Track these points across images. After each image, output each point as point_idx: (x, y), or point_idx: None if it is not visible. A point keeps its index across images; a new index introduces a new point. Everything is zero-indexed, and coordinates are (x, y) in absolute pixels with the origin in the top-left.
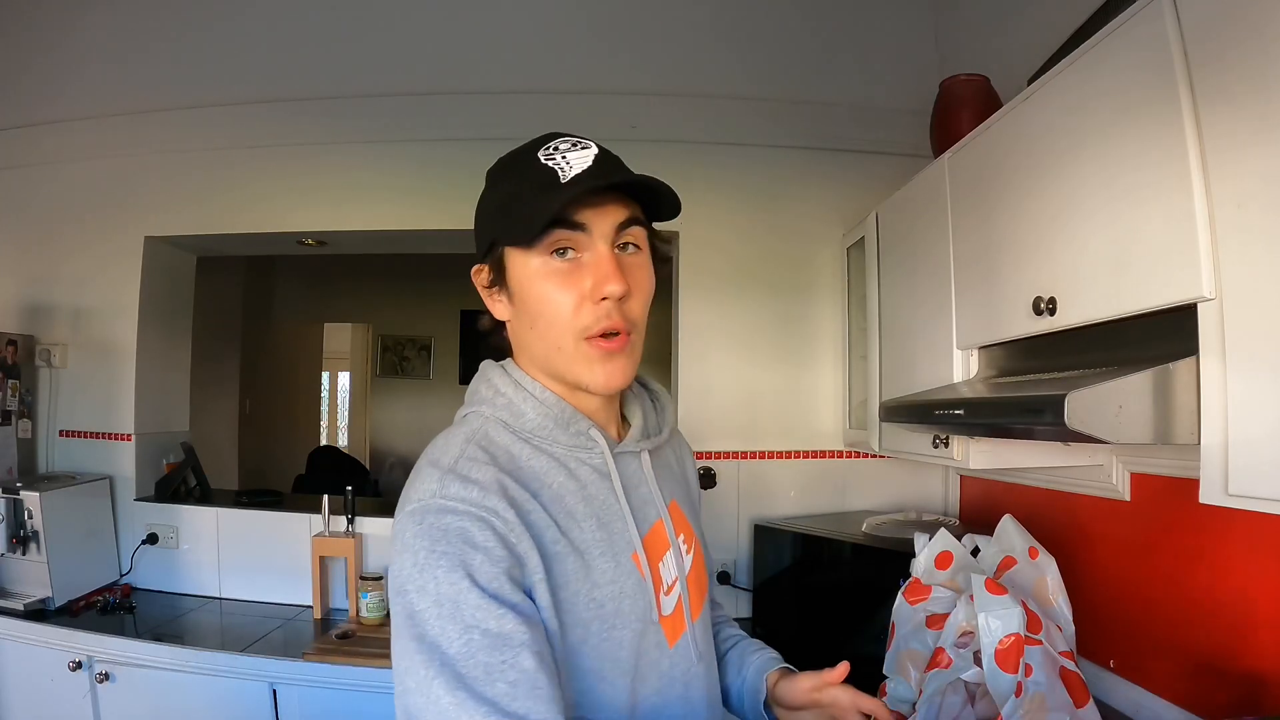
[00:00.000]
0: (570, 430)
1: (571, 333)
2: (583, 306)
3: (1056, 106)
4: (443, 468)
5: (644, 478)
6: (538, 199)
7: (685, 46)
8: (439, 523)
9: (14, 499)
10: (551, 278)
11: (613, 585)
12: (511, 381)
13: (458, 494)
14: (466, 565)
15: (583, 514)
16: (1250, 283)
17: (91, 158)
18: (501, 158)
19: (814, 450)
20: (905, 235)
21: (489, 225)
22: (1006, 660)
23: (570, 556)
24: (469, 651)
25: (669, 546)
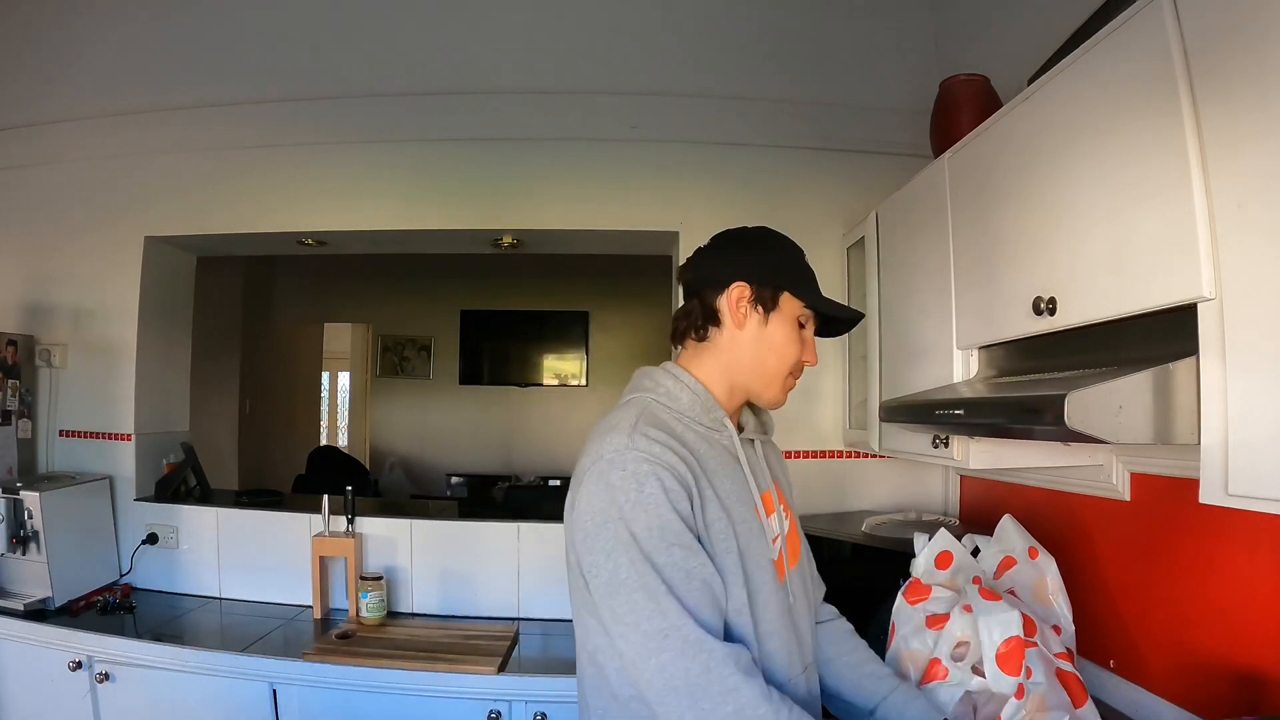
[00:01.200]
0: (710, 416)
1: (784, 372)
2: (796, 362)
3: (1056, 107)
4: (626, 430)
5: (757, 459)
6: (820, 292)
7: (685, 46)
8: (638, 469)
9: (14, 499)
10: (794, 331)
11: (744, 524)
12: (670, 376)
13: (646, 448)
14: (666, 500)
15: (721, 474)
16: (1250, 282)
17: (91, 158)
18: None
19: (814, 450)
20: (905, 235)
21: (775, 270)
22: (1009, 663)
23: (717, 503)
24: (673, 561)
25: (775, 509)
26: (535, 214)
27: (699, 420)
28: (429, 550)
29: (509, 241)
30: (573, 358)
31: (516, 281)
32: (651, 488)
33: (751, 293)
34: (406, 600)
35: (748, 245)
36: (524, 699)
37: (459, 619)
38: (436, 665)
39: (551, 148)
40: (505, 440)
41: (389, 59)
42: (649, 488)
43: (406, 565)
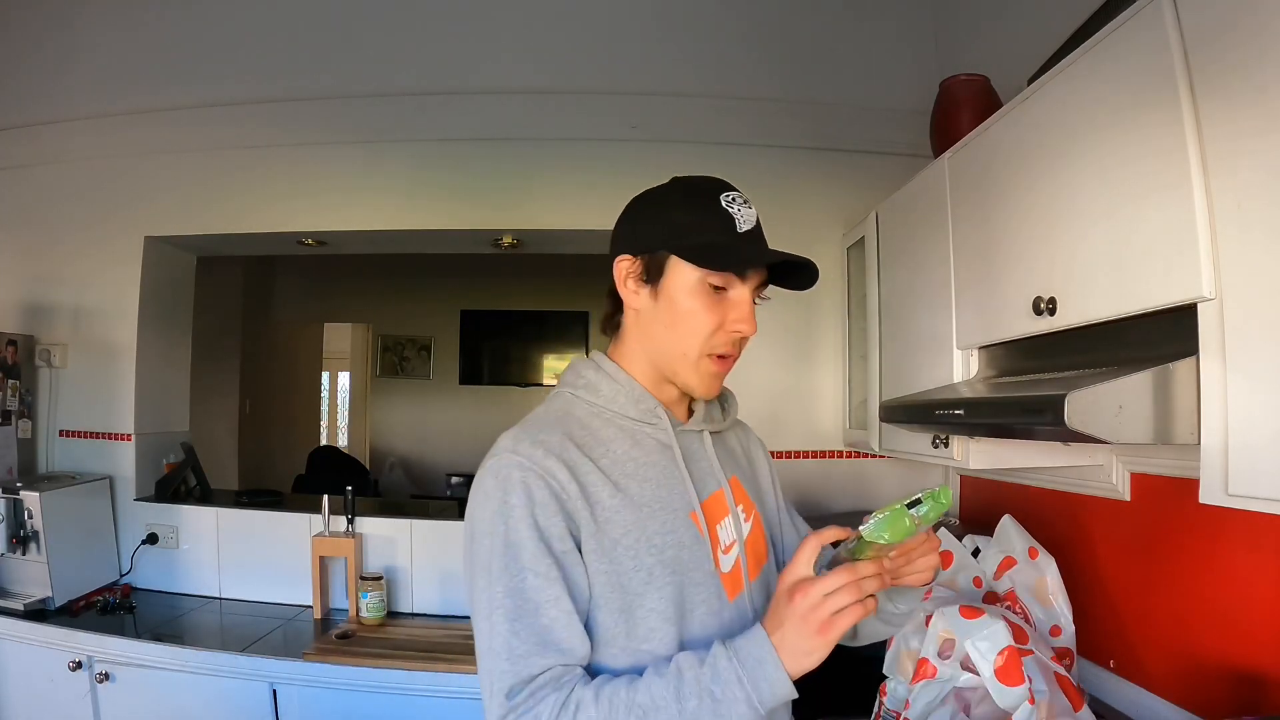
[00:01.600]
0: (639, 407)
1: (701, 348)
2: (718, 333)
3: (1056, 107)
4: (519, 430)
5: (705, 454)
6: (731, 242)
7: (685, 47)
8: (510, 476)
9: (14, 499)
10: (703, 298)
11: (671, 535)
12: (593, 367)
13: (525, 451)
14: (528, 516)
15: (644, 476)
16: (1250, 282)
17: (91, 158)
18: (680, 182)
19: (814, 450)
20: (905, 235)
21: (660, 232)
22: (1009, 675)
23: (628, 510)
24: (522, 588)
25: (728, 513)
26: (535, 214)
27: (624, 413)
28: (429, 550)
29: (509, 241)
30: (573, 358)
31: (516, 281)
32: (517, 499)
33: (638, 266)
34: (406, 600)
35: (636, 207)
36: None
37: (459, 619)
38: (436, 665)
39: (551, 148)
40: None
41: (389, 59)
42: (514, 498)
43: (406, 565)
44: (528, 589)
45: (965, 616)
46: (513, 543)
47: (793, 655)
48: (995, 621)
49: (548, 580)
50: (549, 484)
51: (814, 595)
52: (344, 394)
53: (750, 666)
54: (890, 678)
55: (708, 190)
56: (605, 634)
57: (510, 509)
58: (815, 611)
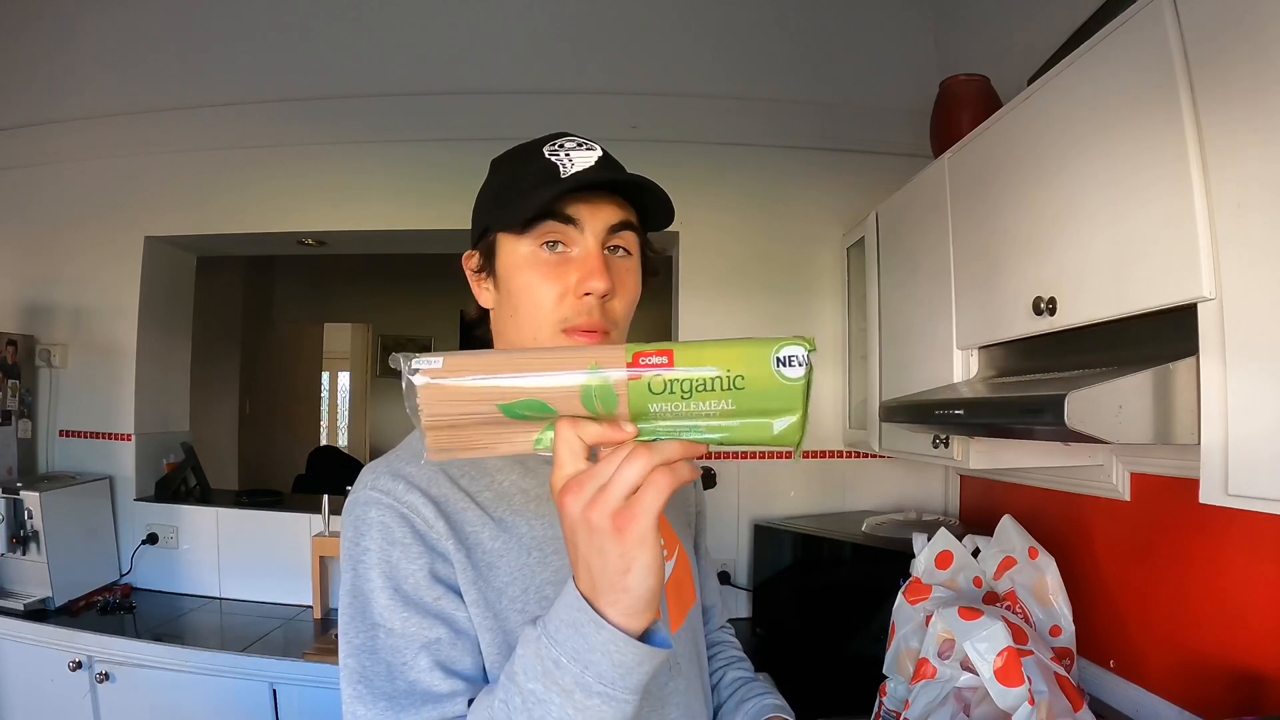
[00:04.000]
0: None
1: (550, 324)
2: (565, 299)
3: (1056, 107)
4: (386, 461)
5: None
6: (535, 189)
7: (685, 47)
8: (364, 515)
9: (14, 499)
10: (538, 268)
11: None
12: None
13: (385, 486)
14: (381, 562)
15: (535, 513)
16: (1250, 283)
17: (91, 158)
18: (509, 149)
19: (814, 450)
20: (905, 235)
21: (484, 211)
22: (1008, 676)
23: (513, 554)
24: (372, 647)
25: (670, 554)
26: None
27: None
28: None
29: None
30: None
31: None
32: (371, 541)
33: (475, 259)
34: None
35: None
36: None
37: None
38: None
39: None
40: None
41: (389, 59)
42: (367, 540)
43: None
44: (378, 649)
45: (964, 617)
46: (361, 593)
47: (609, 591)
48: (994, 622)
49: (402, 638)
50: (410, 522)
51: (588, 488)
52: (344, 394)
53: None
54: (890, 678)
55: (530, 147)
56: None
57: (361, 553)
58: (597, 507)
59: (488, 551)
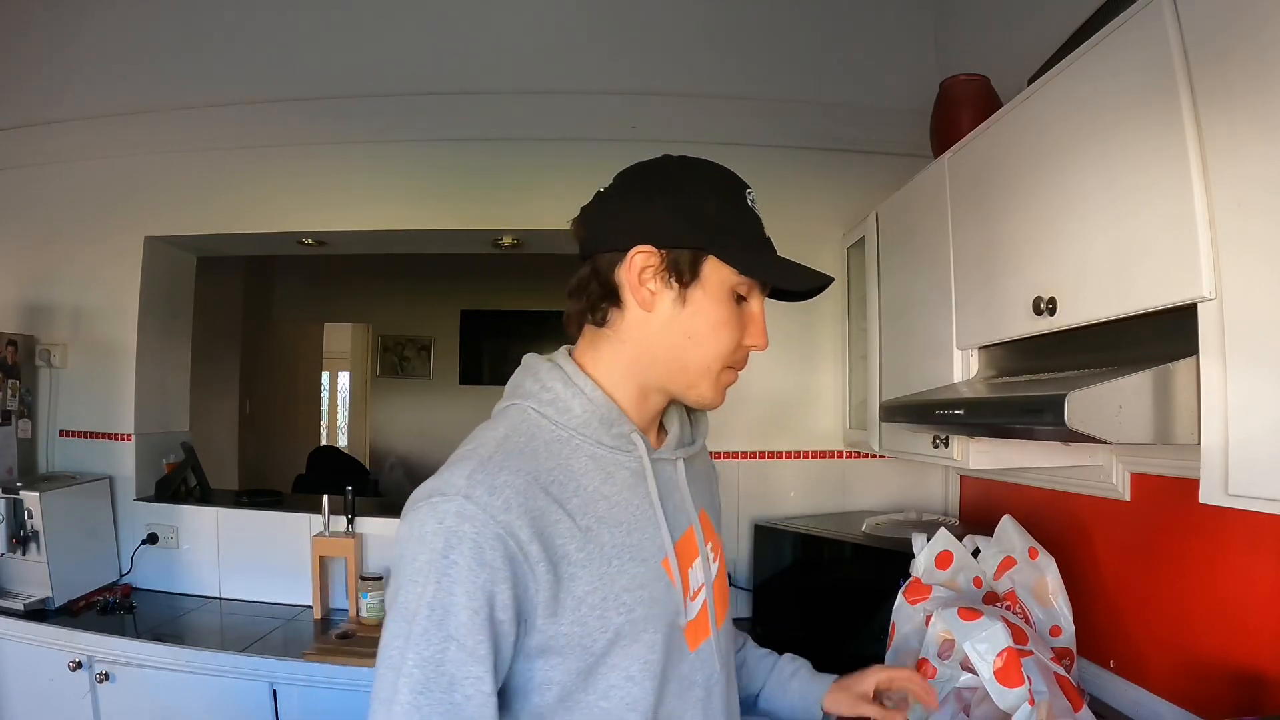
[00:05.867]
0: (612, 431)
1: (722, 359)
2: (738, 348)
3: (1056, 107)
4: (475, 463)
5: (678, 485)
6: (766, 248)
7: (685, 47)
8: (457, 528)
9: (14, 499)
10: (732, 308)
11: (642, 590)
12: (562, 376)
13: (482, 500)
14: (469, 580)
15: (615, 519)
16: (1250, 282)
17: (91, 158)
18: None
19: (814, 450)
20: (905, 235)
21: (700, 229)
22: (1008, 676)
23: (597, 563)
24: (441, 660)
25: (698, 554)
26: (535, 214)
27: (597, 439)
28: None
29: (509, 241)
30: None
31: (516, 281)
32: (460, 557)
33: (660, 260)
34: None
35: (654, 186)
36: None
37: None
38: None
39: (551, 148)
40: None
41: (389, 59)
42: (457, 555)
43: None
44: (447, 661)
45: (964, 618)
46: (442, 606)
47: None
48: (994, 623)
49: (473, 657)
50: (505, 546)
51: None
52: (344, 394)
53: None
54: None
55: (735, 185)
56: (560, 690)
57: (449, 567)
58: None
59: (573, 563)
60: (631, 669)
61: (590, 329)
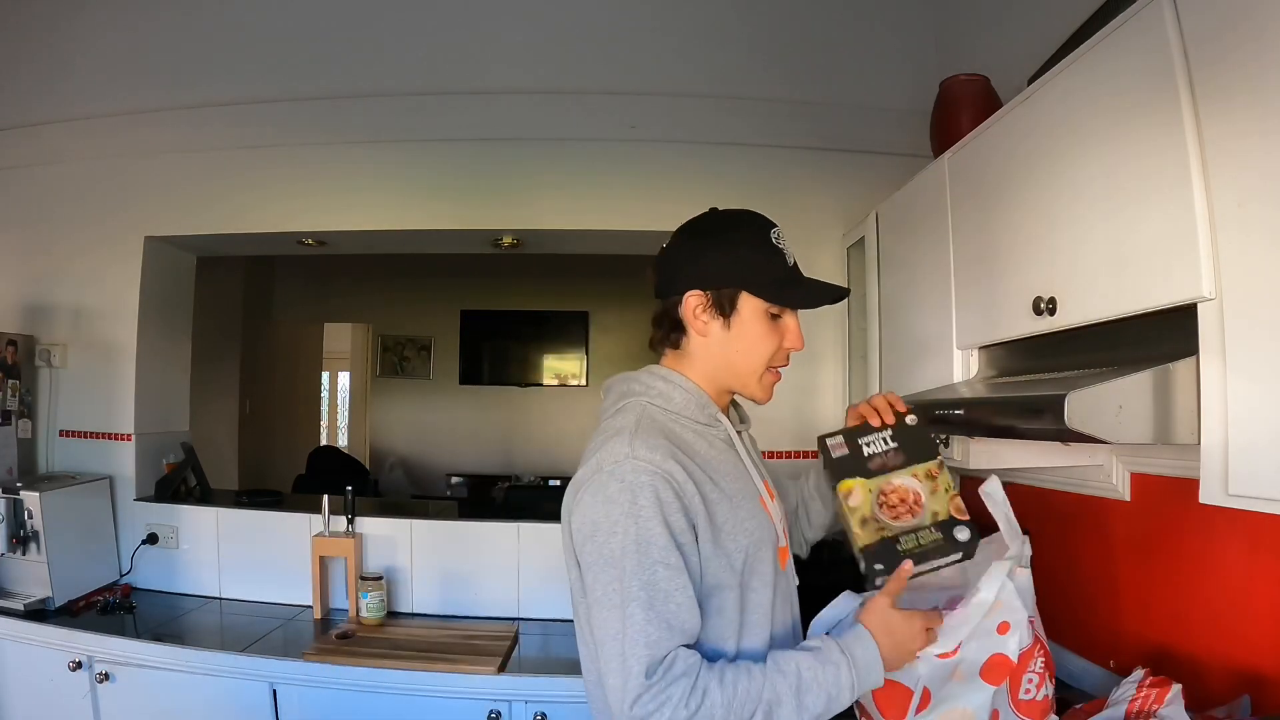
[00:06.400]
0: (705, 413)
1: (764, 365)
2: (778, 352)
3: (1056, 107)
4: (628, 435)
5: (750, 450)
6: (791, 277)
7: (686, 47)
8: (635, 479)
9: (14, 499)
10: (768, 325)
11: (754, 520)
12: (659, 379)
13: (645, 455)
14: (657, 514)
15: (723, 472)
16: (1250, 282)
17: (91, 158)
18: (730, 217)
19: (814, 450)
20: (905, 235)
21: (736, 272)
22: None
23: (724, 501)
24: (655, 580)
25: (774, 495)
26: (535, 214)
27: (695, 418)
28: (429, 550)
29: (509, 241)
30: (572, 358)
31: (516, 281)
32: (645, 499)
33: (707, 300)
34: (406, 600)
35: (698, 244)
36: (524, 699)
37: (459, 619)
38: (436, 665)
39: (551, 148)
40: (505, 440)
41: (389, 59)
42: (643, 499)
43: (406, 565)
44: (659, 580)
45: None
46: (644, 540)
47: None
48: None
49: (676, 570)
50: (671, 484)
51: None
52: (344, 394)
53: (862, 672)
54: None
55: (761, 227)
56: (722, 612)
57: (640, 509)
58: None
59: (711, 500)
60: (758, 582)
61: (670, 350)
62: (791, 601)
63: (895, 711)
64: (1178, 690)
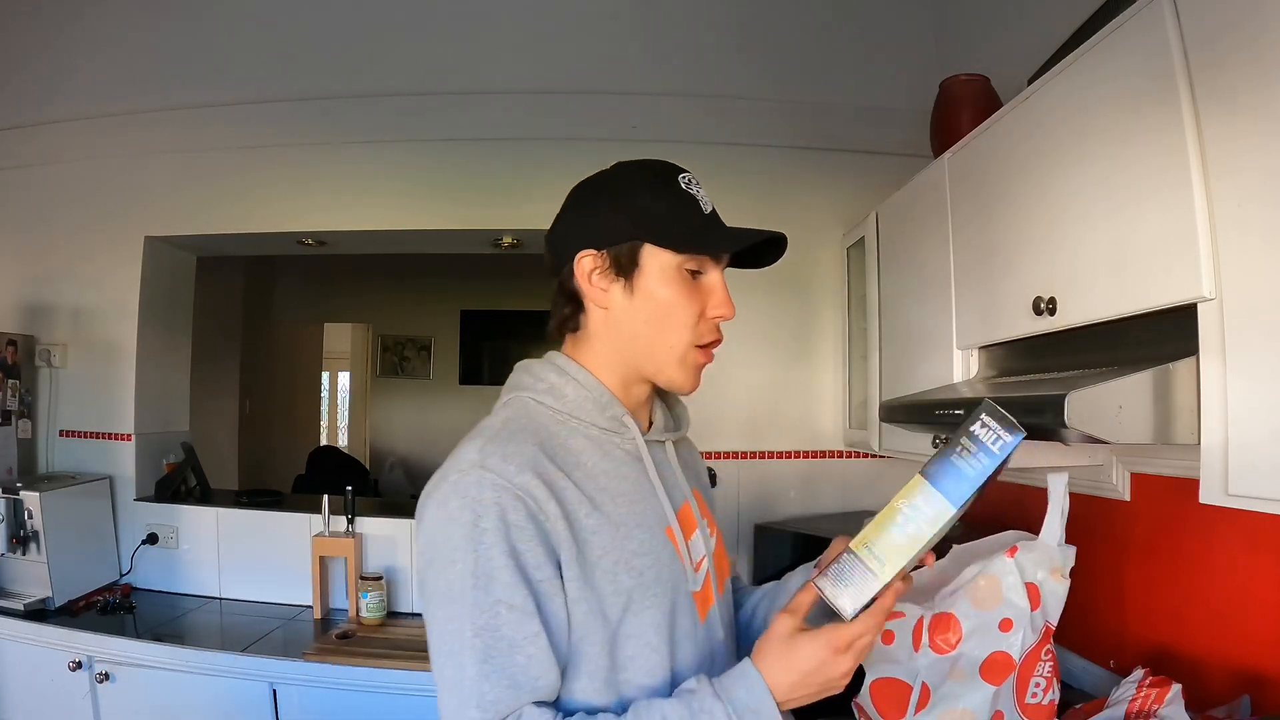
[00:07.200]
0: (606, 414)
1: (687, 340)
2: (701, 320)
3: (1056, 107)
4: (484, 439)
5: (669, 464)
6: (704, 223)
7: (686, 47)
8: (480, 497)
9: (14, 499)
10: (683, 286)
11: (649, 555)
12: (555, 369)
13: (497, 467)
14: (502, 541)
15: (617, 491)
16: (1250, 282)
17: (91, 158)
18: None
19: (814, 450)
20: (905, 235)
21: (633, 223)
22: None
23: (606, 529)
24: (495, 625)
25: (696, 526)
26: (535, 214)
27: (592, 421)
28: None
29: (509, 241)
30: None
31: (516, 281)
32: (489, 521)
33: (603, 260)
34: (406, 600)
35: (590, 200)
36: None
37: None
38: None
39: (551, 148)
40: None
41: (389, 59)
42: (486, 521)
43: (406, 565)
44: (501, 626)
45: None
46: (484, 573)
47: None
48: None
49: (524, 614)
50: (526, 504)
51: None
52: (344, 394)
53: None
54: None
55: (665, 173)
56: (587, 665)
57: (481, 533)
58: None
59: (584, 528)
60: (648, 636)
61: (570, 336)
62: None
63: (894, 710)
64: (1178, 690)
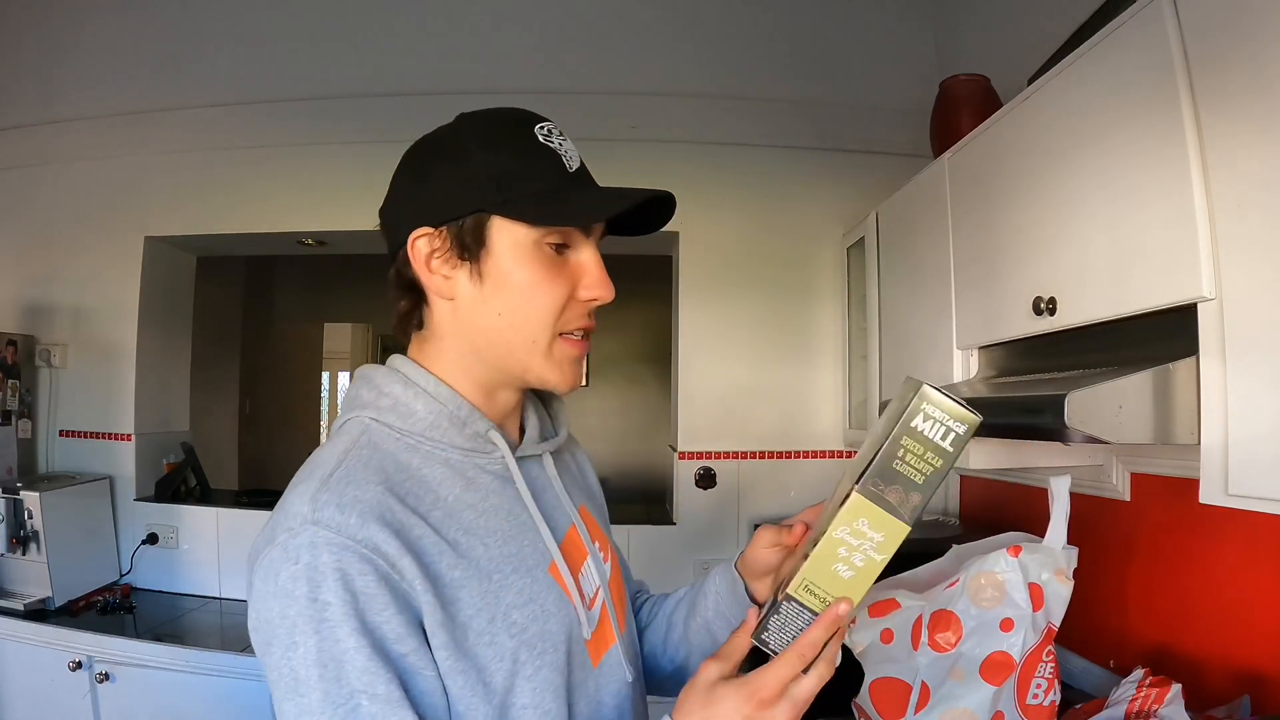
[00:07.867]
0: (466, 432)
1: (551, 328)
2: (569, 304)
3: (1056, 107)
4: (315, 485)
5: (549, 482)
6: (565, 186)
7: (685, 47)
8: (315, 562)
9: (14, 499)
10: (544, 265)
11: (532, 605)
12: (400, 378)
13: (333, 521)
14: (350, 618)
15: (485, 529)
16: (1250, 282)
17: (91, 158)
18: (470, 119)
19: (814, 450)
20: (905, 235)
21: (476, 190)
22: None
23: (475, 580)
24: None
25: (586, 554)
26: None
27: (450, 442)
28: None
29: None
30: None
31: None
32: (331, 594)
33: (442, 239)
34: None
35: (424, 163)
36: None
37: None
38: None
39: None
40: None
41: (389, 59)
42: (326, 594)
43: None
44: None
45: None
46: (332, 659)
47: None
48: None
49: (388, 704)
50: (374, 565)
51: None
52: (344, 394)
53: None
54: None
55: (517, 123)
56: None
57: (323, 609)
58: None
59: (448, 584)
60: (545, 704)
61: (415, 336)
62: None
63: (894, 710)
64: (1178, 690)
